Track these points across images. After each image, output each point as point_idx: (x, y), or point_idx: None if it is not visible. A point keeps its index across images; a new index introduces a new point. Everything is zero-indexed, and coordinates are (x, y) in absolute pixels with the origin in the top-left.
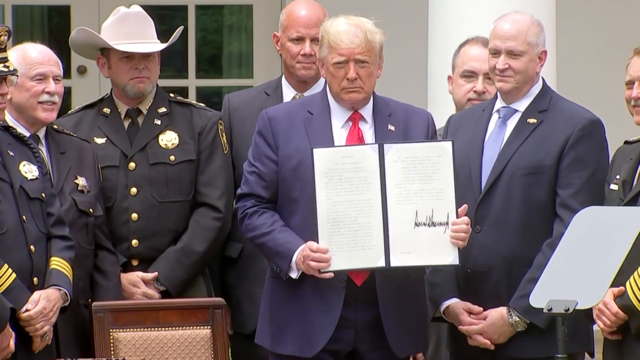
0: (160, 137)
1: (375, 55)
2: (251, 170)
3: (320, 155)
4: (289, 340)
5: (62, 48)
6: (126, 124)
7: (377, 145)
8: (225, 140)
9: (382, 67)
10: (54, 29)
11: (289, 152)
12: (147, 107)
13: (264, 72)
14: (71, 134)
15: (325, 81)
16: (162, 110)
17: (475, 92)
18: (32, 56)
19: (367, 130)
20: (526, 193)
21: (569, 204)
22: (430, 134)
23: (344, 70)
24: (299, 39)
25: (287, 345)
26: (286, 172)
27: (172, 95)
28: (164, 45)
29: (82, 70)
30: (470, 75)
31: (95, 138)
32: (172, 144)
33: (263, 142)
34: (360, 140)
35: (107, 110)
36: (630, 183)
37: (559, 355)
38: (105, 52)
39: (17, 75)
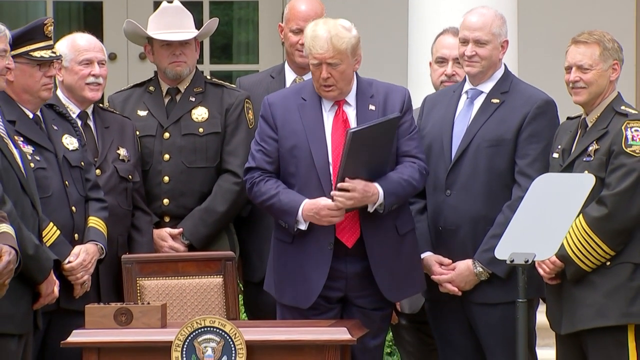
0: (193, 111)
1: (347, 55)
2: (257, 149)
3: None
4: (288, 294)
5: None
6: (166, 100)
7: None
8: (252, 117)
9: (360, 60)
10: (89, 22)
11: (285, 134)
12: (185, 87)
13: (268, 58)
14: (114, 111)
15: None
16: (198, 89)
17: (445, 75)
18: (80, 44)
19: (351, 112)
20: (489, 162)
21: (526, 172)
22: (405, 108)
23: (319, 71)
24: (298, 31)
25: (287, 298)
26: (283, 150)
27: (208, 77)
28: (195, 33)
29: (112, 57)
30: (442, 61)
31: (138, 111)
32: (203, 118)
33: (265, 124)
34: (345, 122)
35: (152, 88)
36: (568, 151)
37: (520, 300)
38: (150, 40)
39: (61, 61)
